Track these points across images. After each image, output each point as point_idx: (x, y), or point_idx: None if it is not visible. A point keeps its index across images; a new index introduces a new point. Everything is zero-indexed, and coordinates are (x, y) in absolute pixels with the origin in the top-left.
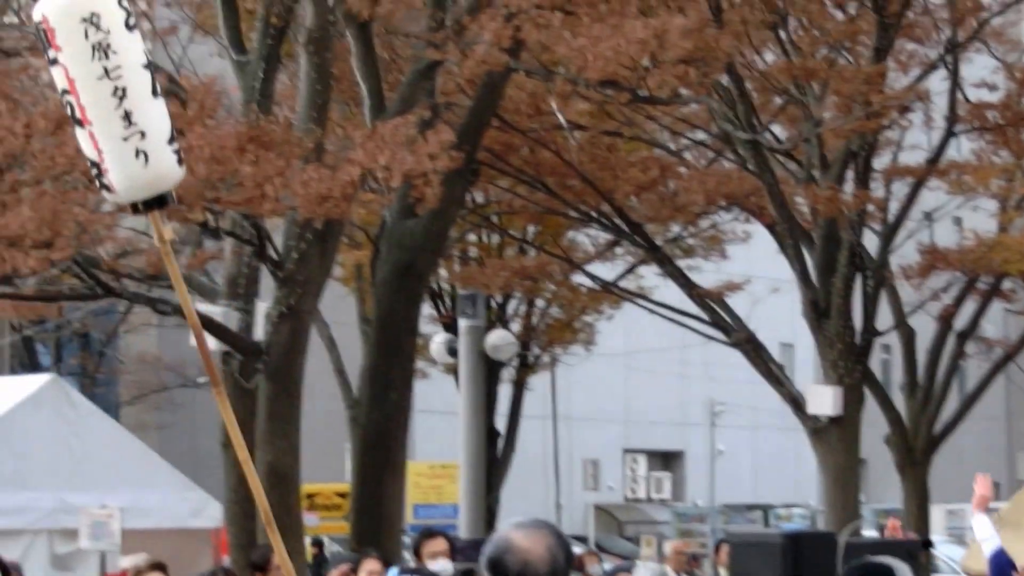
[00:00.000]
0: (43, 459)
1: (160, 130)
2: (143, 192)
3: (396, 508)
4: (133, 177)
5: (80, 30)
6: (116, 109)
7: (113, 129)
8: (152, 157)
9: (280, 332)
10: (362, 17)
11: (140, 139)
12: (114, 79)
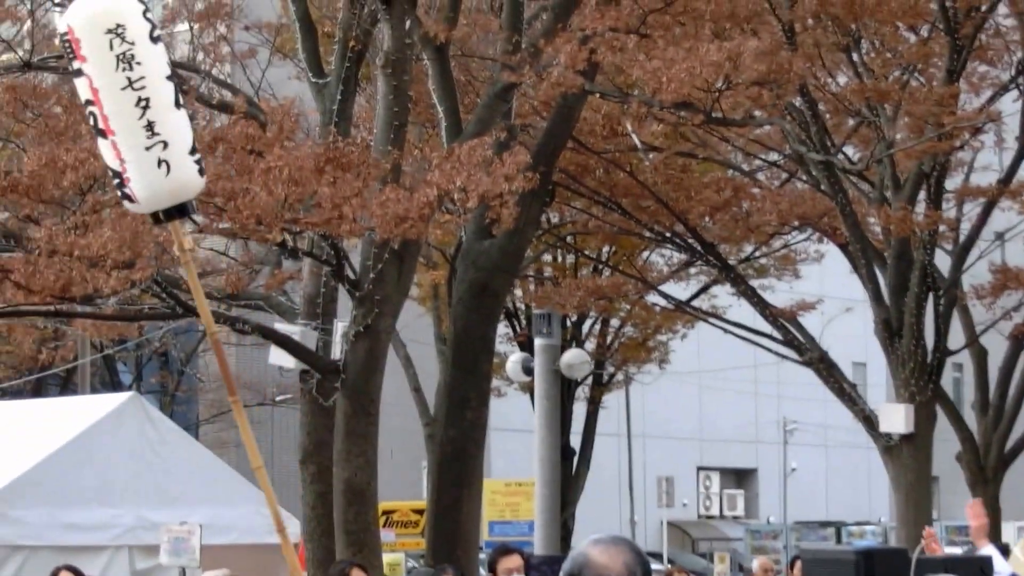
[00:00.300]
0: (124, 476)
1: (182, 140)
2: (165, 202)
3: (472, 525)
4: (155, 187)
5: (105, 41)
6: (139, 119)
7: (136, 139)
8: (174, 167)
9: (357, 351)
10: (439, 40)
11: (163, 149)
12: (138, 89)
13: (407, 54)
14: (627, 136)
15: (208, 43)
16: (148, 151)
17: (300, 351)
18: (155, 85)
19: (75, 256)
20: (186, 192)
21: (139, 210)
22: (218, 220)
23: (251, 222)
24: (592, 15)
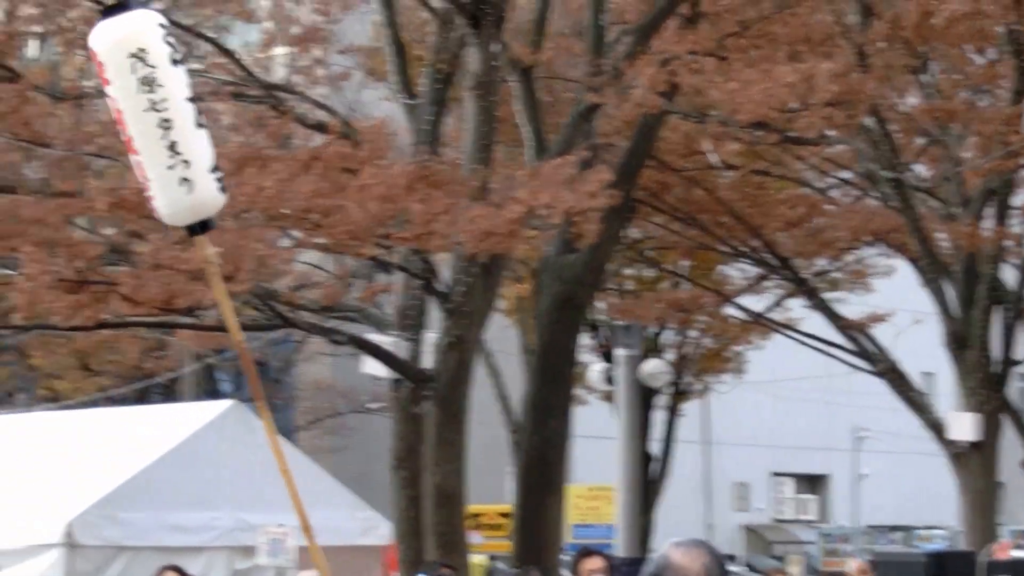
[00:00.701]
0: (223, 480)
1: (203, 159)
2: (187, 217)
3: (556, 528)
4: (177, 203)
5: (128, 64)
6: (161, 139)
7: (159, 158)
8: (196, 185)
9: (447, 361)
10: (525, 63)
11: (184, 168)
12: (160, 111)
13: (494, 76)
14: (705, 154)
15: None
16: (171, 170)
17: (392, 361)
18: (176, 107)
19: (178, 269)
20: (207, 209)
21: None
22: (314, 235)
23: (345, 237)
24: (672, 39)
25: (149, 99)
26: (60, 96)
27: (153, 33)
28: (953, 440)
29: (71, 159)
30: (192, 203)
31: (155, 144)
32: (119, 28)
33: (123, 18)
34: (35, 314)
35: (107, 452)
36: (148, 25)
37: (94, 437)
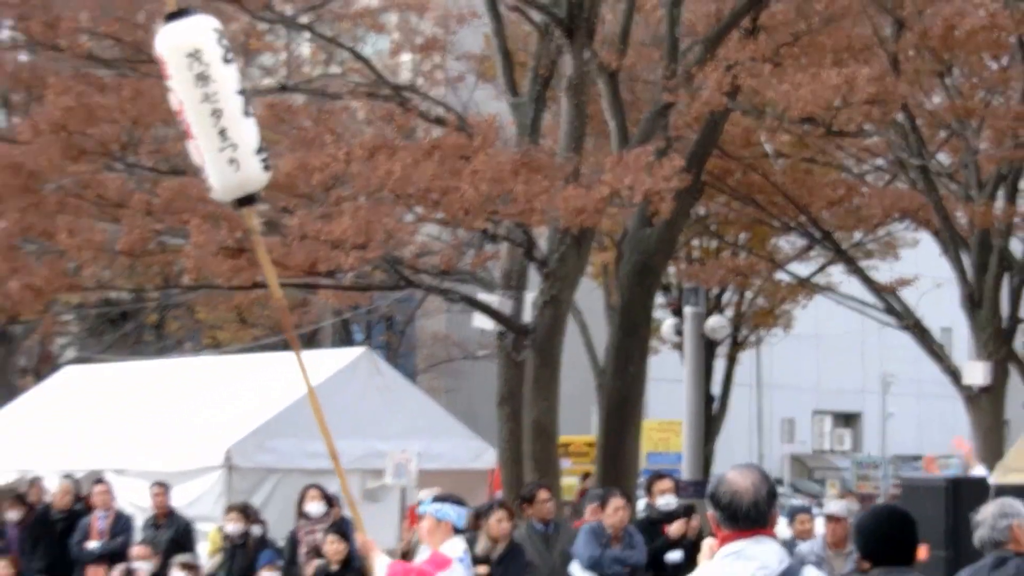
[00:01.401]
0: (357, 413)
1: (249, 143)
2: (236, 193)
3: (633, 456)
4: (227, 181)
5: (186, 63)
6: (214, 126)
7: (212, 143)
8: (242, 165)
9: (544, 316)
10: (611, 68)
11: (233, 151)
12: (212, 102)
13: (585, 79)
14: (761, 145)
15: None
16: (221, 152)
17: (498, 316)
18: (227, 98)
19: (321, 239)
20: (252, 185)
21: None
22: (434, 211)
23: (460, 213)
24: (735, 48)
25: (204, 92)
26: None
27: (207, 36)
28: (967, 384)
29: None
30: (239, 180)
31: (209, 130)
32: (179, 32)
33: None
34: (201, 276)
35: (259, 391)
36: (203, 29)
37: (249, 378)
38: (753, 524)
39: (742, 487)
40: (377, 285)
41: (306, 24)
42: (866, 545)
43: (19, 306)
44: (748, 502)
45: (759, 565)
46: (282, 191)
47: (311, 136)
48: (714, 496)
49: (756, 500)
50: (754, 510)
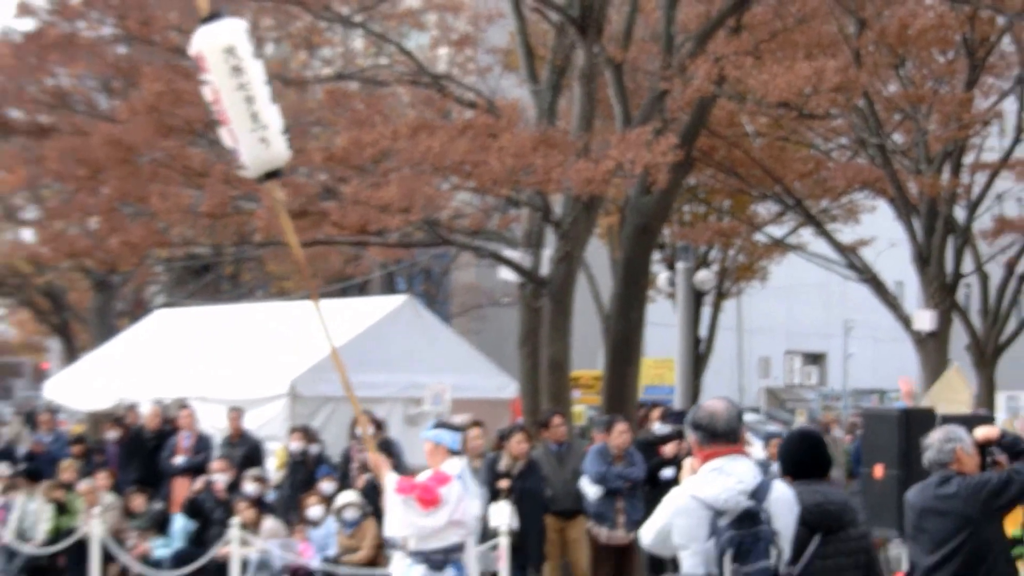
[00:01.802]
0: (400, 351)
1: (276, 125)
2: (265, 167)
3: (633, 388)
4: (259, 157)
5: (223, 58)
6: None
7: (245, 125)
8: (272, 143)
9: (558, 270)
10: (616, 60)
11: (264, 131)
12: (246, 91)
13: (595, 69)
14: (743, 126)
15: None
16: (253, 132)
17: (520, 269)
18: (257, 87)
19: (371, 204)
20: (279, 160)
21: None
22: (467, 180)
23: (489, 182)
24: (721, 43)
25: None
26: (288, 81)
27: (240, 35)
28: (917, 330)
29: (296, 126)
30: (269, 156)
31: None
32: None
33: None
34: (270, 234)
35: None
36: (236, 29)
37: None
38: (728, 440)
39: (717, 409)
40: (418, 243)
41: (359, 22)
42: (785, 464)
43: (118, 259)
44: (723, 420)
45: (737, 479)
46: (339, 163)
47: (363, 117)
48: (694, 420)
49: (729, 419)
50: (728, 427)
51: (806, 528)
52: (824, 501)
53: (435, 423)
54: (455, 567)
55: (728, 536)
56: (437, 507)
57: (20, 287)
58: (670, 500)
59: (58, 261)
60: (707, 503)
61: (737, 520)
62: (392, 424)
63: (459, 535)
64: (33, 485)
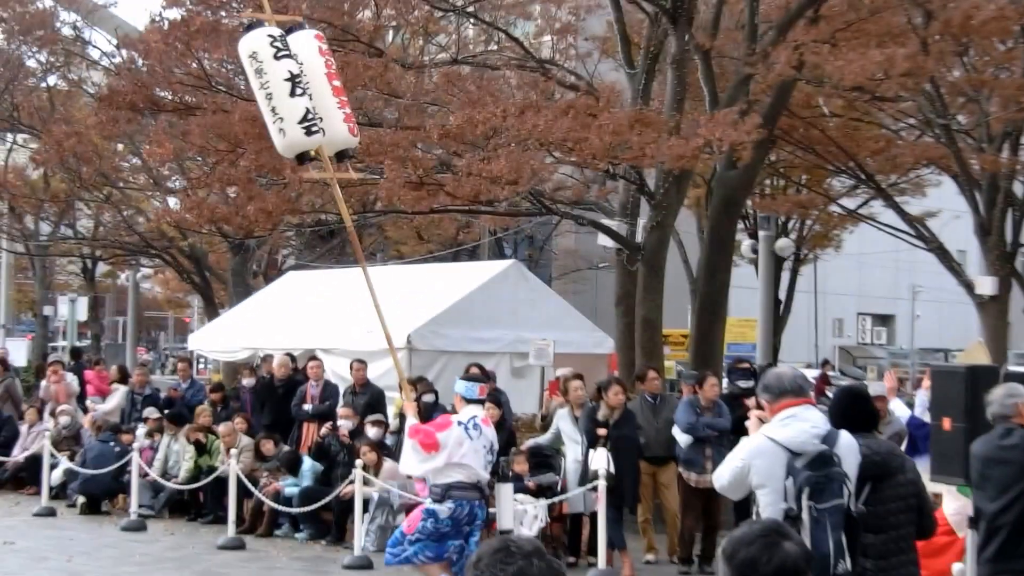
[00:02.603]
0: (507, 310)
1: (294, 117)
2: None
3: (718, 345)
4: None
5: (249, 62)
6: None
7: (268, 117)
8: (287, 132)
9: (652, 237)
10: (705, 47)
11: (280, 123)
12: (266, 88)
13: (685, 56)
14: (820, 107)
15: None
16: (274, 123)
17: (617, 236)
18: (276, 85)
19: (483, 176)
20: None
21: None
22: (569, 155)
23: (589, 157)
24: (801, 32)
25: (260, 81)
26: (408, 65)
27: (262, 41)
28: (979, 294)
29: (415, 106)
30: (287, 143)
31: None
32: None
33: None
34: (390, 203)
35: (433, 290)
36: (259, 37)
37: (425, 282)
38: (796, 394)
39: (782, 370)
40: (524, 212)
41: (471, 12)
42: (834, 419)
43: (254, 224)
44: (788, 378)
45: (812, 424)
46: (453, 140)
47: (475, 98)
48: (763, 383)
49: (794, 376)
50: (795, 383)
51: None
52: (870, 452)
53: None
54: (454, 502)
55: (805, 476)
56: (437, 451)
57: (166, 249)
58: (747, 443)
59: (200, 226)
60: (784, 444)
61: (812, 461)
62: (500, 376)
63: (462, 475)
64: (176, 428)
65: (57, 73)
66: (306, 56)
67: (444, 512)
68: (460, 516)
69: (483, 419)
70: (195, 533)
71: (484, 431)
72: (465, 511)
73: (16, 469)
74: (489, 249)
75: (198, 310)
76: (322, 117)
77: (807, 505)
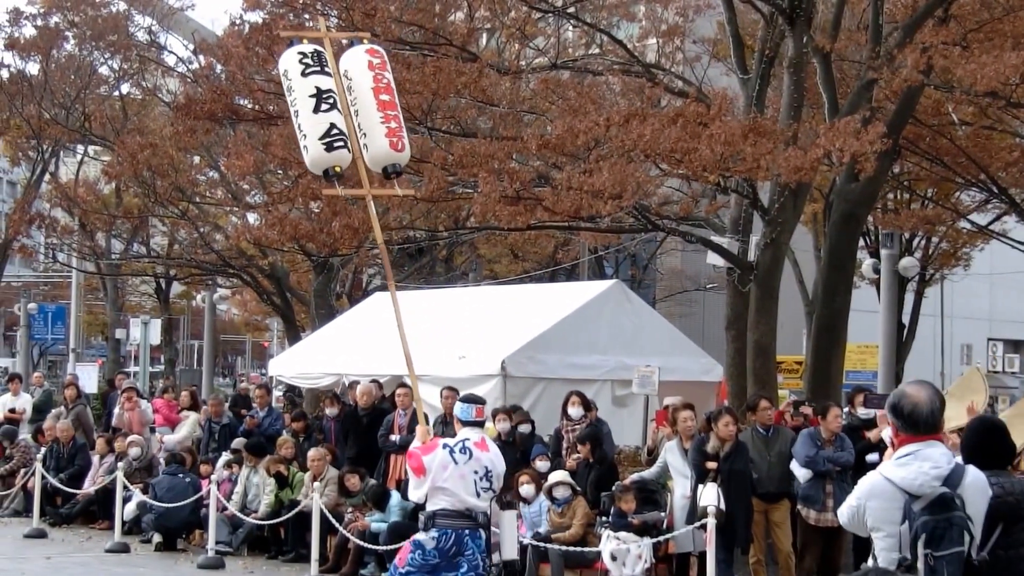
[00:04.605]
0: (608, 334)
1: (315, 133)
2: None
3: (837, 373)
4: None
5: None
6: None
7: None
8: (310, 150)
9: (765, 255)
10: (825, 50)
11: (304, 139)
12: (294, 105)
13: (803, 59)
14: (949, 114)
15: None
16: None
17: (728, 255)
18: (301, 102)
19: (584, 190)
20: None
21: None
22: (677, 167)
23: (698, 169)
24: (929, 33)
25: (290, 99)
26: (503, 71)
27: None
28: None
29: (511, 114)
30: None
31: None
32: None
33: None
34: (484, 219)
35: (529, 313)
36: (290, 55)
37: (521, 303)
38: (929, 431)
39: (921, 399)
40: (628, 228)
41: (572, 13)
42: (966, 453)
43: (339, 242)
44: (927, 412)
45: (932, 464)
46: (552, 151)
47: (576, 105)
48: (896, 407)
49: (933, 410)
50: (931, 418)
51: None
52: (1003, 492)
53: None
54: (438, 531)
55: (922, 521)
56: (425, 475)
57: (245, 268)
58: (865, 482)
59: (281, 244)
60: (901, 486)
61: (931, 505)
62: (601, 405)
63: (446, 501)
64: (255, 459)
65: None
66: (355, 72)
67: (429, 543)
68: (447, 546)
69: (477, 442)
70: (275, 571)
71: (476, 455)
72: (451, 540)
73: (87, 502)
74: (589, 268)
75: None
76: (365, 133)
77: (923, 553)
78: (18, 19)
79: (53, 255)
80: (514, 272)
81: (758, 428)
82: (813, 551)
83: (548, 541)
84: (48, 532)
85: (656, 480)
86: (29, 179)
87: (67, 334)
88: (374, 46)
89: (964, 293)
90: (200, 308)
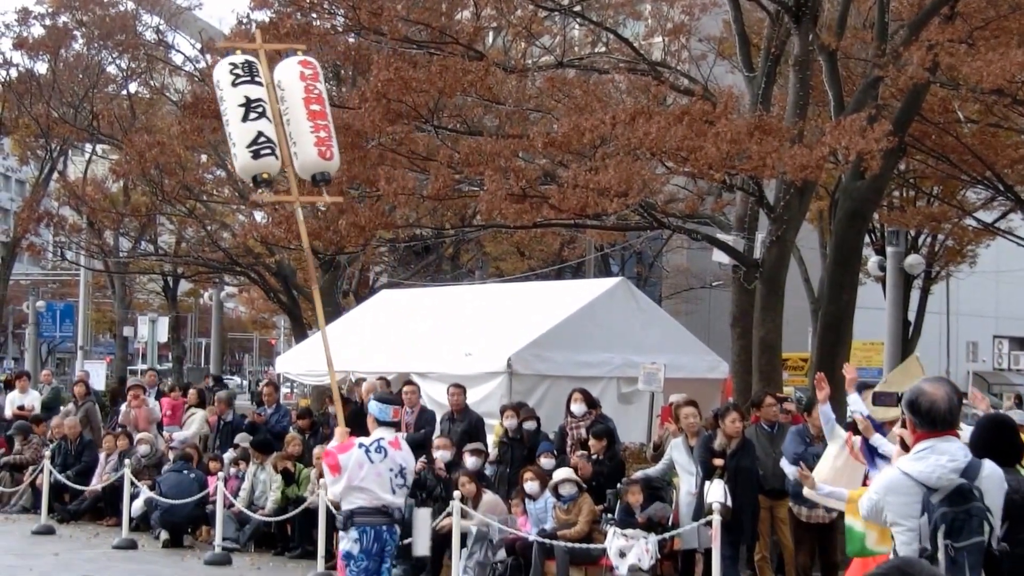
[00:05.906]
0: (615, 332)
1: (243, 141)
2: (243, 174)
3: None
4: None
5: (216, 90)
6: (226, 130)
7: (228, 141)
8: (238, 157)
9: (771, 253)
10: (830, 48)
11: (233, 147)
12: (225, 114)
13: (809, 57)
14: (955, 112)
15: (675, 50)
16: (231, 148)
17: (734, 252)
18: (231, 111)
19: (590, 188)
20: (248, 170)
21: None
22: (683, 166)
23: (704, 167)
24: (935, 31)
25: (222, 108)
26: (510, 69)
27: (223, 70)
28: None
29: (517, 113)
30: (239, 167)
31: (225, 133)
32: (215, 70)
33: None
34: (490, 217)
35: (535, 311)
36: (223, 66)
37: (526, 301)
38: (946, 427)
39: (939, 397)
40: (634, 226)
41: (578, 11)
42: (975, 450)
43: (345, 240)
44: (944, 409)
45: (949, 458)
46: (558, 149)
47: (582, 103)
48: (913, 404)
49: (951, 407)
50: (949, 415)
51: None
52: (1010, 490)
53: (375, 396)
54: (357, 529)
55: (941, 512)
56: (340, 473)
57: (252, 266)
58: (882, 477)
59: (288, 242)
60: (919, 480)
61: (949, 497)
62: (607, 402)
63: (363, 499)
64: (262, 456)
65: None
66: (287, 82)
67: (355, 548)
68: (369, 546)
69: (391, 441)
70: (282, 568)
71: (391, 453)
72: (372, 538)
73: (95, 499)
74: (595, 266)
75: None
76: (296, 141)
77: (943, 544)
78: (27, 19)
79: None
80: (520, 270)
81: (763, 425)
82: (807, 547)
83: (554, 538)
84: (56, 528)
85: (662, 477)
86: (37, 178)
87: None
88: (308, 58)
89: (970, 290)
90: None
